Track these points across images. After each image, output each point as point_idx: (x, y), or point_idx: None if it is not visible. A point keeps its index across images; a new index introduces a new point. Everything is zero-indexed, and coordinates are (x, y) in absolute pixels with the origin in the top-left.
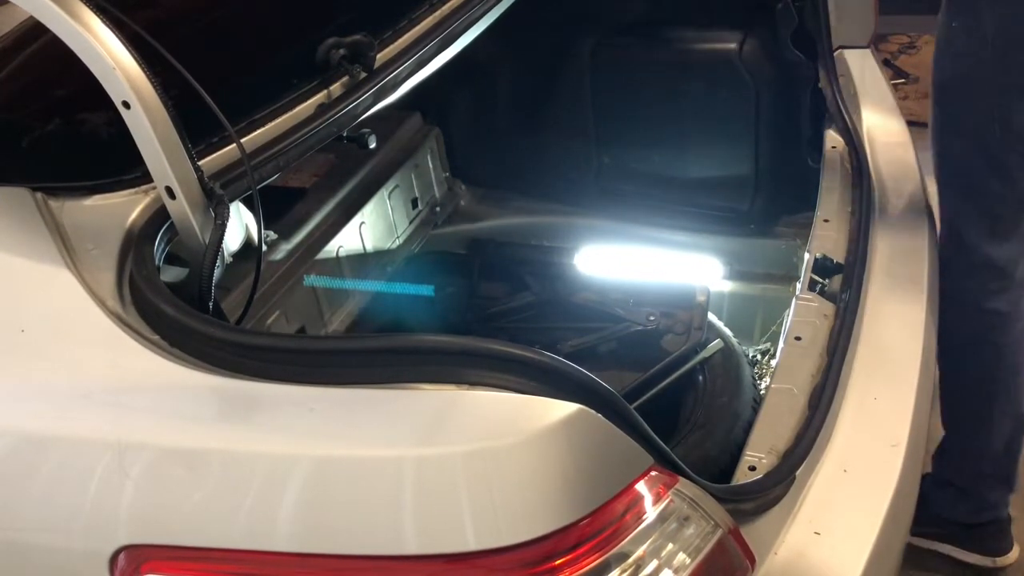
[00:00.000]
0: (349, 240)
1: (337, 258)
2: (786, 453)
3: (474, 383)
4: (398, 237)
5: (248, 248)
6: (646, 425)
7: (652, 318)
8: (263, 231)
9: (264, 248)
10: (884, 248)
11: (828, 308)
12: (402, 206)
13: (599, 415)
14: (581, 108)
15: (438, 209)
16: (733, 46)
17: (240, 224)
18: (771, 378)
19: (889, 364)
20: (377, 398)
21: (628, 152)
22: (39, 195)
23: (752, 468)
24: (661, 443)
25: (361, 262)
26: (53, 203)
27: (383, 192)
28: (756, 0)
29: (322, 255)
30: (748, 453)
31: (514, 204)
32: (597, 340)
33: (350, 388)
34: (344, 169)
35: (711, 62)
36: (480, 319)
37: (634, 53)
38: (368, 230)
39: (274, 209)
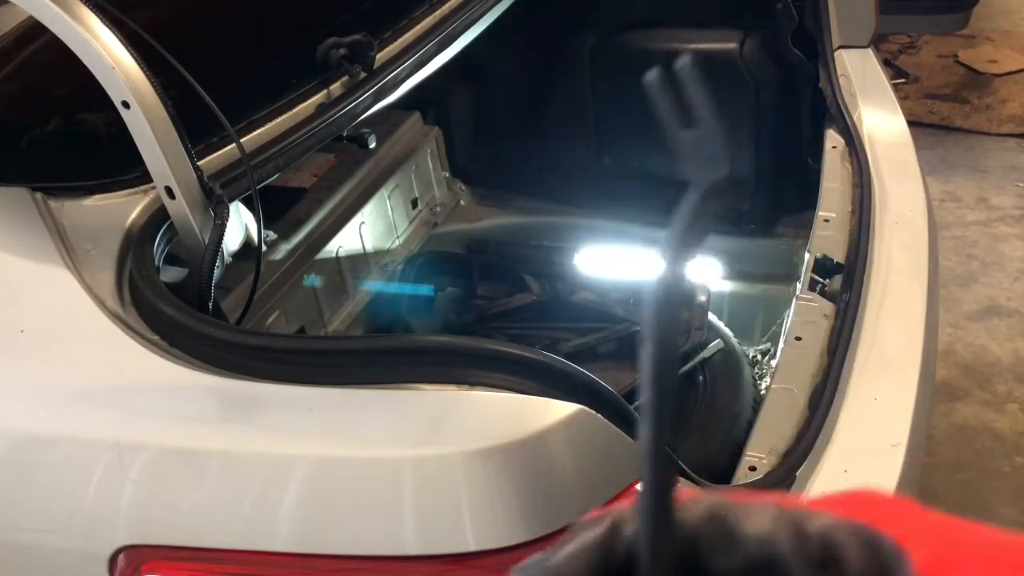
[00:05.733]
0: (349, 240)
1: (337, 258)
2: (786, 453)
3: (474, 383)
4: (398, 237)
5: (248, 248)
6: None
7: None
8: (263, 231)
9: (264, 248)
10: (884, 248)
11: (828, 308)
12: (402, 206)
13: (599, 415)
14: (581, 108)
15: (438, 209)
16: (733, 46)
17: (240, 224)
18: (771, 378)
19: (889, 364)
20: (377, 398)
21: (628, 152)
22: (39, 195)
23: (752, 468)
24: None
25: (361, 262)
26: (53, 203)
27: (383, 192)
28: (756, 0)
29: (322, 255)
30: (748, 453)
31: (514, 204)
32: (597, 340)
33: (350, 388)
34: (344, 169)
35: (711, 62)
36: (480, 319)
37: (635, 52)
38: (368, 230)
39: (274, 209)
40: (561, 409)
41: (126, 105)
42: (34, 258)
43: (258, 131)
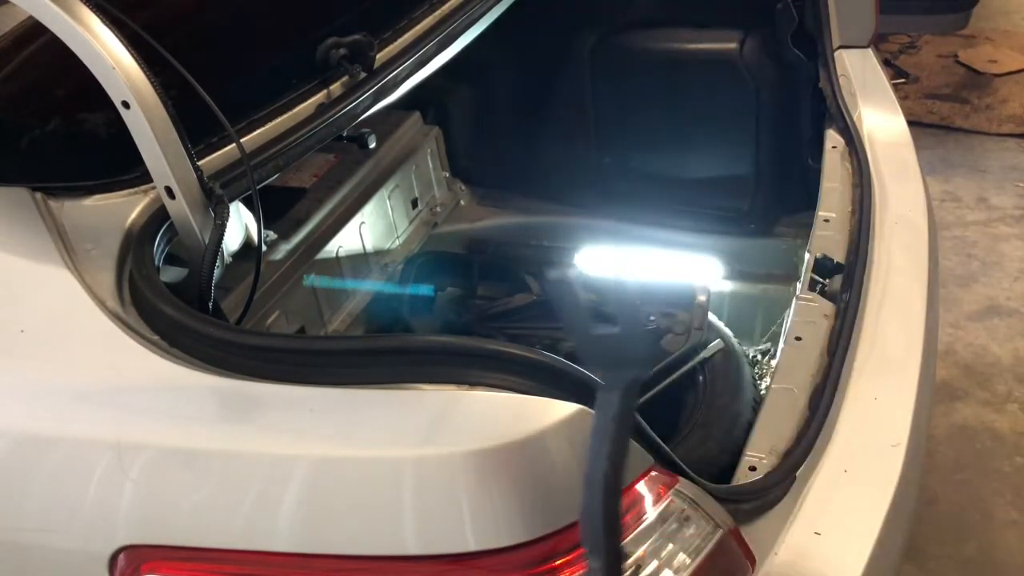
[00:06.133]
0: (349, 240)
1: (337, 258)
2: (786, 453)
3: (474, 383)
4: (398, 237)
5: (248, 248)
6: (646, 425)
7: (652, 318)
8: (263, 231)
9: (264, 248)
10: (885, 248)
11: (828, 308)
12: (402, 206)
13: None
14: (581, 107)
15: (438, 209)
16: (733, 46)
17: (240, 224)
18: (771, 378)
19: (889, 364)
20: (377, 398)
21: (628, 152)
22: (39, 195)
23: (752, 468)
24: (661, 443)
25: (361, 262)
26: (53, 203)
27: (383, 192)
28: (756, 0)
29: (322, 255)
30: (748, 453)
31: (514, 204)
32: None
33: (350, 388)
34: (344, 169)
35: (711, 62)
36: (480, 319)
37: (635, 52)
38: (368, 230)
39: (274, 209)
40: (561, 409)
41: (126, 105)
42: (34, 258)
43: (258, 131)
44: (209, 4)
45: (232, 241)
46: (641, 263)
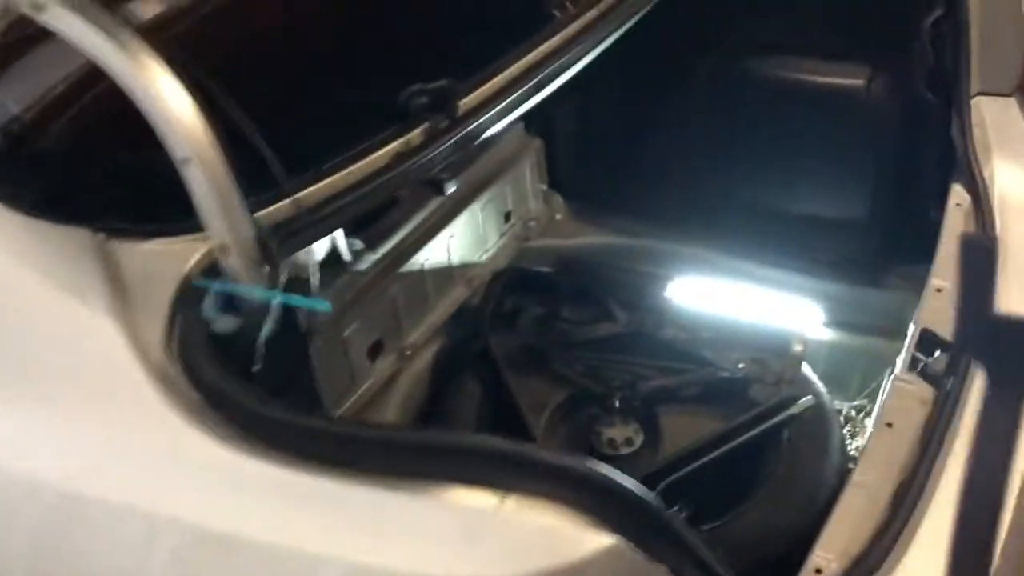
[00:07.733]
0: (436, 252)
1: (422, 271)
2: (858, 558)
3: (512, 489)
4: (487, 251)
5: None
6: (697, 542)
7: (741, 365)
8: (351, 241)
9: (349, 259)
10: None
11: (928, 392)
12: (494, 219)
13: (635, 550)
14: (692, 130)
15: (532, 223)
16: (861, 82)
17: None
18: (855, 467)
19: None
20: (413, 505)
21: (735, 181)
22: (98, 236)
23: (818, 571)
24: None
25: (446, 275)
26: (111, 245)
27: (476, 204)
28: (892, 35)
29: (407, 267)
30: (817, 553)
31: (611, 222)
32: (679, 383)
33: (387, 486)
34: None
35: (835, 95)
36: (559, 344)
37: (754, 78)
38: (456, 243)
39: (364, 216)
40: (595, 541)
41: (186, 162)
42: (84, 302)
43: (330, 179)
44: (286, 43)
45: (318, 251)
46: (736, 300)
